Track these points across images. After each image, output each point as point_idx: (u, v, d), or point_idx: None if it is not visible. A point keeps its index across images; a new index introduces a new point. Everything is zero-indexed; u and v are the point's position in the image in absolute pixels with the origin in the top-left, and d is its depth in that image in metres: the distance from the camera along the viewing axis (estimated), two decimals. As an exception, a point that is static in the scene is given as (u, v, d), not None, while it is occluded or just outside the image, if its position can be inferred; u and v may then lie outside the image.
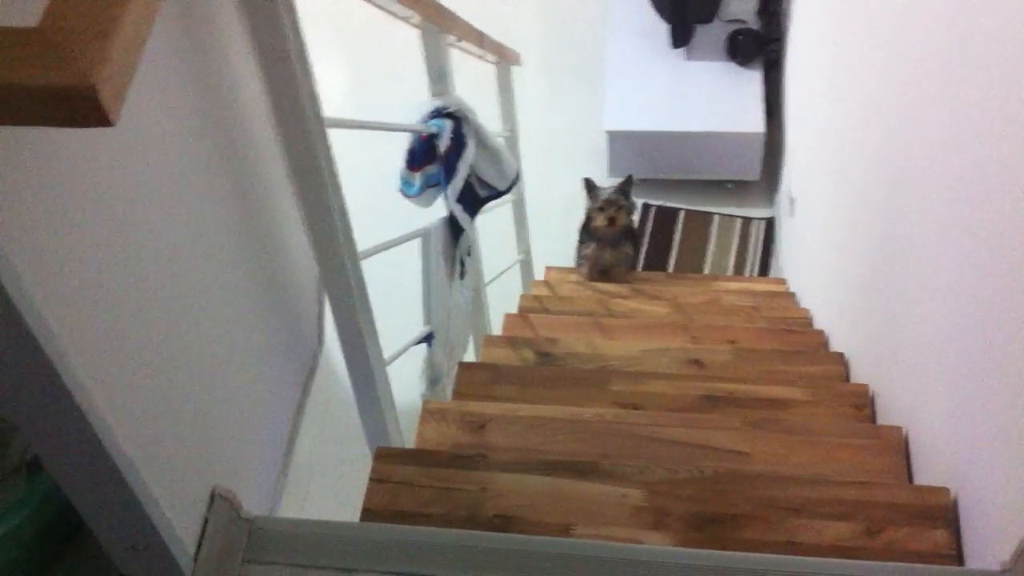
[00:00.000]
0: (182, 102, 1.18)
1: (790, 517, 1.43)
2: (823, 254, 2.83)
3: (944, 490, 1.43)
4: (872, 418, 1.97)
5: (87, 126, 0.66)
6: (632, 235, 3.57)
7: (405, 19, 2.07)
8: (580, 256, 3.60)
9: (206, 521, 1.17)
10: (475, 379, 2.16)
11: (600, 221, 3.38)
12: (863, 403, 1.99)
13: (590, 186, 3.43)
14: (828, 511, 1.43)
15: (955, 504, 1.40)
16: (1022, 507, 1.14)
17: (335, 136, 1.51)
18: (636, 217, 3.69)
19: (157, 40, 1.07)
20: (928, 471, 1.57)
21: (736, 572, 1.16)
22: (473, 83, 2.76)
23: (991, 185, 1.25)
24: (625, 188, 3.42)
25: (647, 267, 4.21)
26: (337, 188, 1.50)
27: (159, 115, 1.11)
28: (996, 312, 1.22)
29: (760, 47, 4.21)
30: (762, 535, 1.42)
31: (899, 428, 1.72)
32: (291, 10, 1.33)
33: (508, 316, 2.88)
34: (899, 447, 1.69)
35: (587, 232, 3.52)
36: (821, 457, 1.70)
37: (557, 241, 4.24)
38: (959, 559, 1.37)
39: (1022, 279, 1.13)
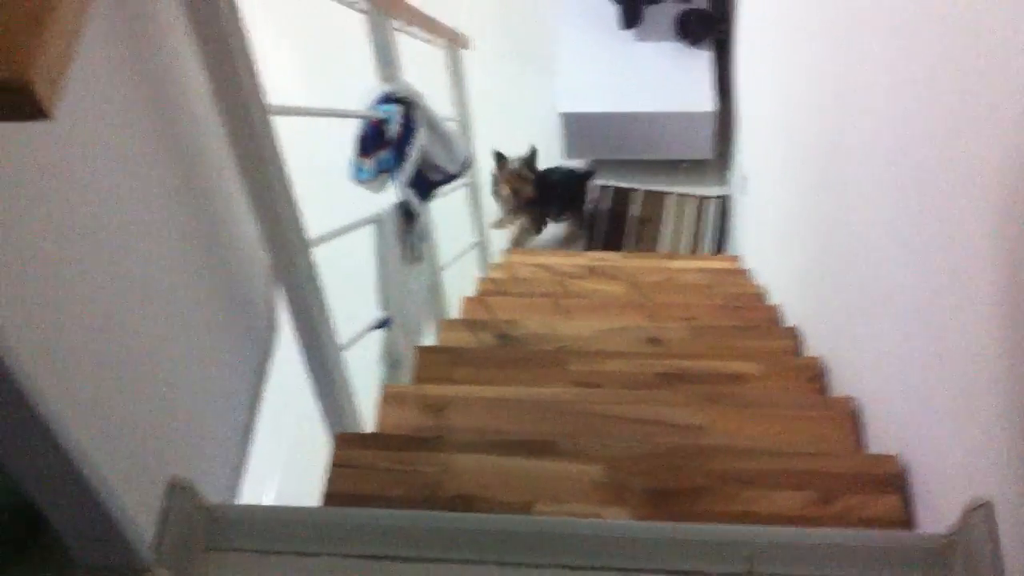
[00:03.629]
0: (122, 92, 1.17)
1: (745, 488, 1.46)
2: (775, 230, 2.86)
3: (894, 458, 1.46)
4: (824, 390, 2.00)
5: (24, 120, 0.65)
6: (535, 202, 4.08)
7: (350, 5, 2.07)
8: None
9: (165, 511, 1.17)
10: (434, 362, 2.16)
11: (505, 192, 3.86)
12: (816, 375, 2.02)
13: (499, 157, 3.90)
14: (782, 481, 1.46)
15: (905, 471, 1.43)
16: (968, 473, 1.17)
17: (288, 124, 1.50)
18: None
19: (94, 29, 1.06)
20: (879, 440, 1.60)
21: (693, 543, 1.17)
22: (426, 67, 2.76)
23: (938, 161, 1.27)
24: (530, 161, 3.93)
25: (604, 247, 4.24)
26: (284, 176, 1.49)
27: (99, 106, 1.10)
28: (944, 284, 1.24)
29: (709, 26, 4.24)
30: (718, 507, 1.45)
31: (851, 399, 1.75)
32: (230, -3, 1.32)
33: (466, 299, 2.88)
34: (851, 417, 1.72)
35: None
36: (775, 429, 1.73)
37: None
38: (909, 524, 1.40)
39: (968, 252, 1.15)
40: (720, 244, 4.24)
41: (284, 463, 1.69)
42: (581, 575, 1.16)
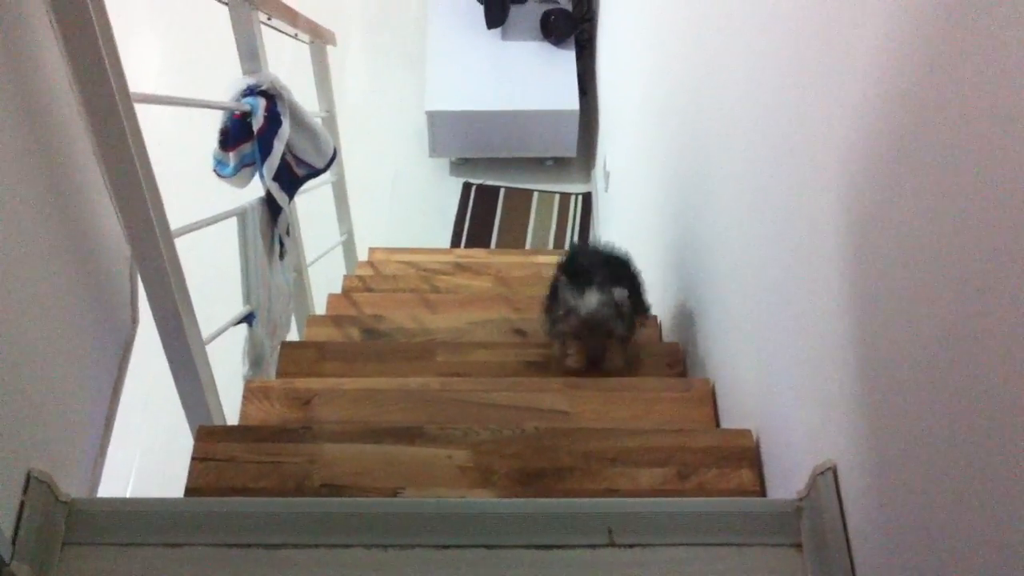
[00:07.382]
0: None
1: (608, 466, 1.50)
2: (636, 224, 2.94)
3: (747, 432, 1.53)
4: (685, 373, 2.08)
5: None
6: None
7: (212, -6, 2.04)
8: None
9: (22, 505, 1.14)
10: (300, 358, 2.15)
11: (576, 361, 2.02)
12: (676, 360, 2.10)
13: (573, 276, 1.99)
14: (643, 459, 1.51)
15: (757, 444, 1.51)
16: (812, 442, 1.23)
17: (154, 116, 1.47)
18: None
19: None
20: (733, 416, 1.68)
21: (555, 517, 1.21)
22: (295, 62, 2.74)
23: (787, 152, 1.34)
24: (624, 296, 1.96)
25: (469, 244, 4.28)
26: (147, 165, 1.46)
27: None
28: (789, 270, 1.31)
29: (572, 26, 4.33)
30: (583, 484, 1.48)
31: (707, 380, 1.82)
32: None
33: (332, 296, 2.87)
34: (708, 397, 1.79)
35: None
36: (638, 411, 1.79)
37: (381, 222, 4.25)
38: (763, 494, 1.47)
39: (811, 240, 1.22)
40: (584, 239, 4.32)
41: (143, 459, 1.65)
42: (447, 554, 1.18)
